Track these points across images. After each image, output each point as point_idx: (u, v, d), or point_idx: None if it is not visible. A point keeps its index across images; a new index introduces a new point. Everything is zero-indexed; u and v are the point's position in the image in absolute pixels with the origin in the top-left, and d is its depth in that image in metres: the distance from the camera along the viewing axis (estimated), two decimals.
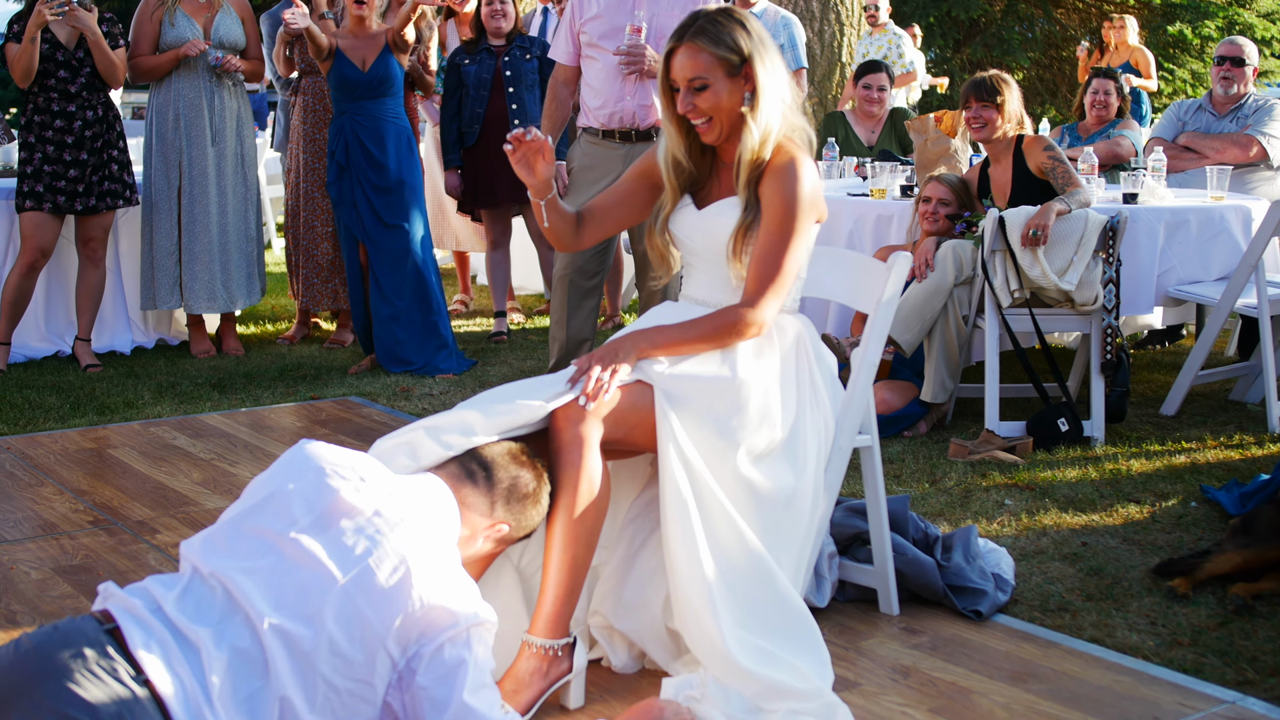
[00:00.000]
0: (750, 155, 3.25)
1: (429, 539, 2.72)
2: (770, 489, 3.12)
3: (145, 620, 2.54)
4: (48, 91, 6.66)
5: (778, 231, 3.23)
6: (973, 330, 5.58)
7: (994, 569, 3.80)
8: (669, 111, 3.35)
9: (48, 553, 4.15)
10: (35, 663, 2.44)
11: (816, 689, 2.97)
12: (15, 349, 6.96)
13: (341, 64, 6.65)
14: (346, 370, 6.82)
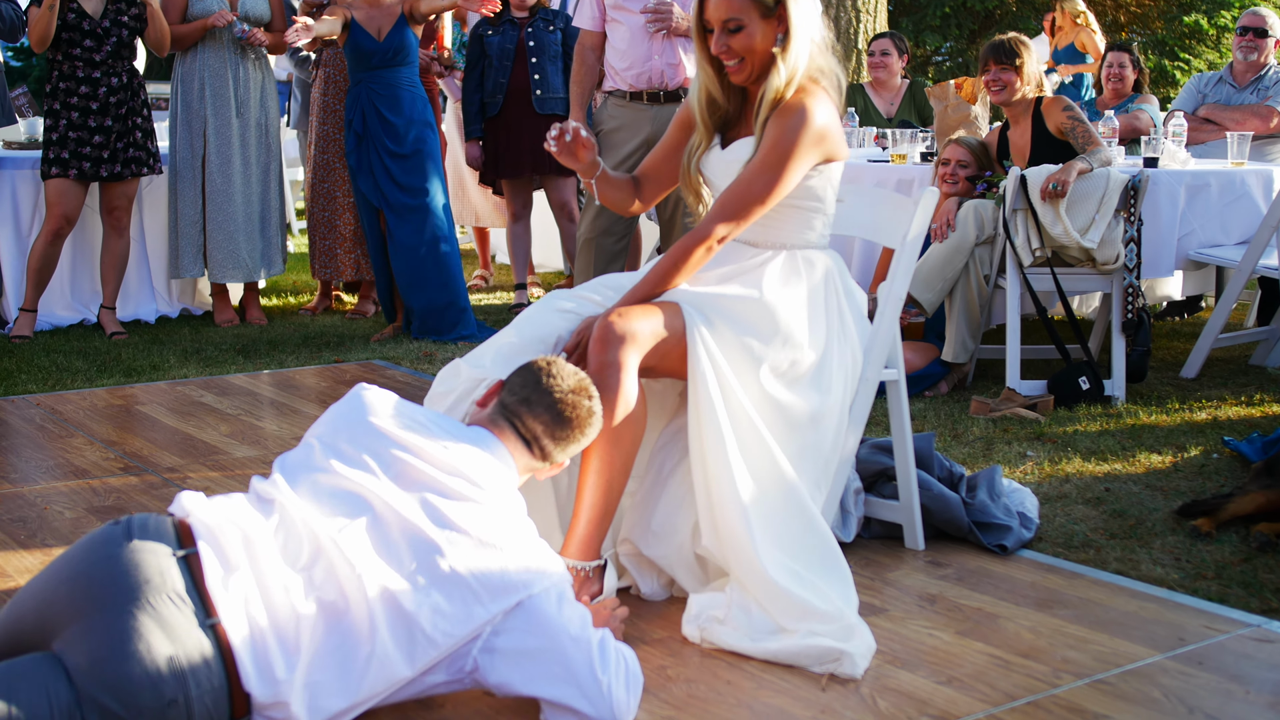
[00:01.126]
0: (773, 95, 3.26)
1: (505, 496, 2.75)
2: (795, 410, 3.16)
3: (229, 555, 2.52)
4: (73, 60, 6.72)
5: (761, 163, 3.22)
6: (994, 290, 5.60)
7: (1019, 507, 3.83)
8: (702, 52, 3.38)
9: (80, 495, 4.19)
10: (105, 581, 2.43)
11: (840, 610, 3.00)
12: (42, 317, 7.02)
13: (357, 34, 6.69)
14: (369, 338, 6.86)
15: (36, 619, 2.49)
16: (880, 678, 2.90)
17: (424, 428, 2.76)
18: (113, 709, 2.35)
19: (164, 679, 2.37)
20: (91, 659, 2.37)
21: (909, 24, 19.23)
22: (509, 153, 7.49)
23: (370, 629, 2.52)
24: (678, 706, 2.77)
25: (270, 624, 2.48)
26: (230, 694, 2.44)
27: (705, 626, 3.08)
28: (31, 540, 3.76)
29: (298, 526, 2.60)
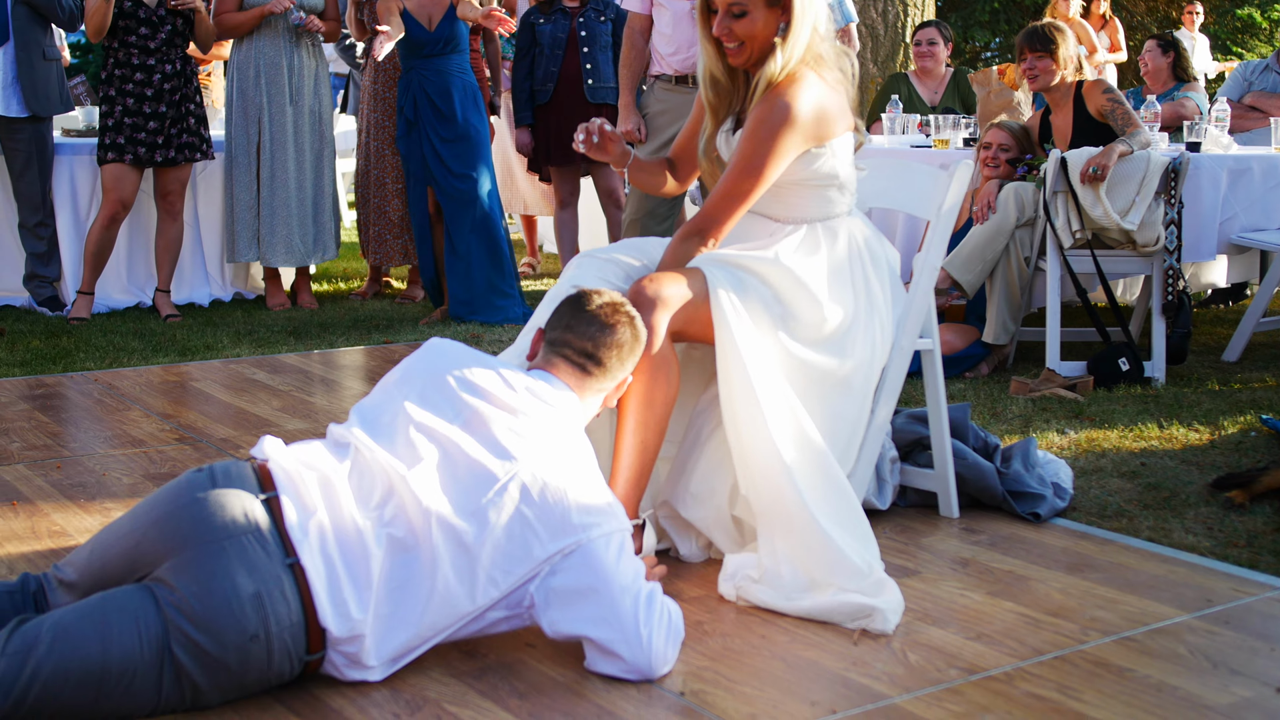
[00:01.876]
0: (766, 81, 3.31)
1: (570, 437, 2.84)
2: (818, 370, 3.24)
3: (306, 499, 2.64)
4: (128, 47, 6.88)
5: (741, 162, 3.29)
6: (1034, 272, 5.65)
7: (1053, 478, 3.89)
8: (704, 31, 3.44)
9: (137, 462, 4.32)
10: (192, 522, 2.55)
11: (870, 565, 3.08)
12: (98, 300, 7.18)
13: (409, 24, 6.81)
14: (418, 321, 6.98)
15: (124, 560, 2.61)
16: (911, 633, 2.98)
17: (492, 373, 2.86)
18: (200, 642, 2.47)
19: (247, 615, 2.49)
20: (179, 596, 2.49)
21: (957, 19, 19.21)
22: (558, 141, 7.58)
23: (434, 564, 2.64)
24: (713, 658, 2.85)
25: (344, 563, 2.60)
26: (307, 630, 2.55)
27: (741, 585, 3.16)
28: (91, 504, 3.88)
29: (371, 467, 2.71)
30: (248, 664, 2.52)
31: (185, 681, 2.50)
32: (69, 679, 2.44)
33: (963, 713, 2.60)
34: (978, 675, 2.77)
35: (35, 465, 4.27)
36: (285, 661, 2.56)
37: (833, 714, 2.60)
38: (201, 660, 2.49)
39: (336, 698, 2.63)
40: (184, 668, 2.49)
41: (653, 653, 2.69)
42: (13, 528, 3.67)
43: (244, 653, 2.50)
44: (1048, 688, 2.71)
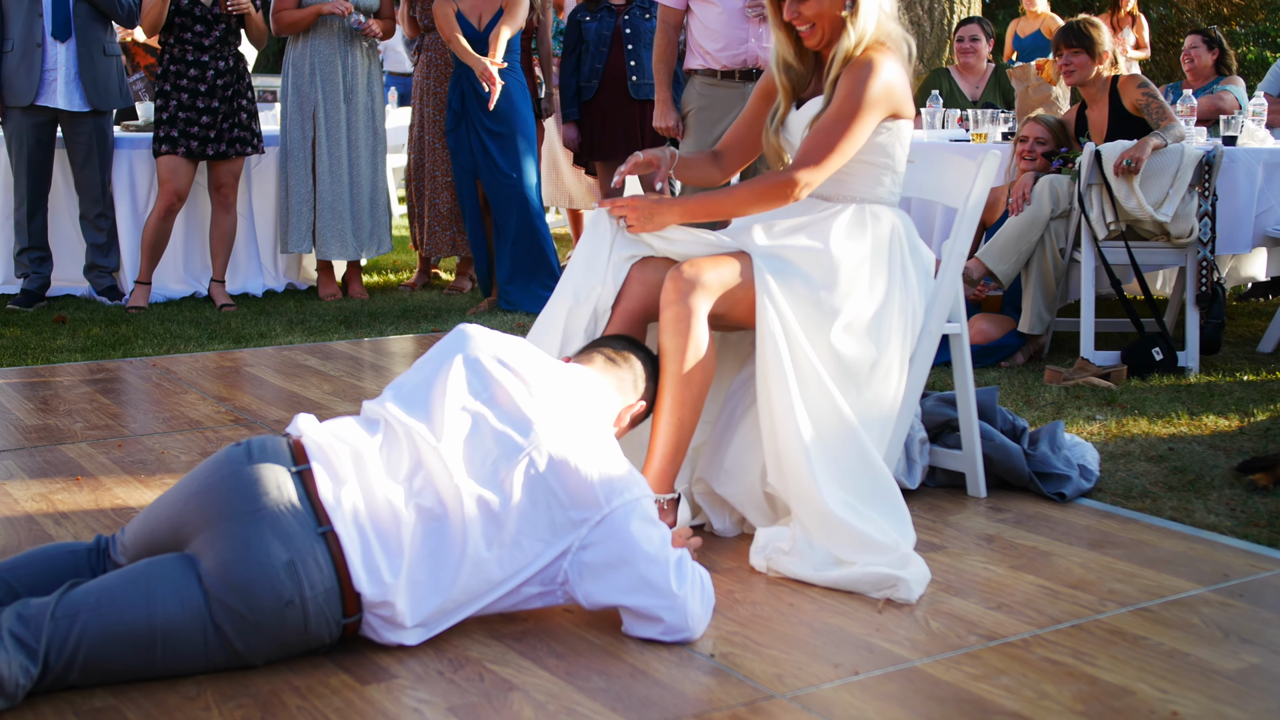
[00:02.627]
0: (843, 55, 3.48)
1: (593, 418, 2.99)
2: (854, 358, 3.36)
3: (338, 470, 2.78)
4: (183, 44, 7.09)
5: (837, 114, 3.45)
6: (1069, 264, 5.74)
7: (1079, 460, 3.99)
8: (775, 18, 3.61)
9: (195, 442, 4.49)
10: (229, 494, 2.70)
11: (895, 542, 3.20)
12: (155, 289, 7.38)
13: (460, 23, 6.98)
14: (465, 311, 7.14)
15: (169, 529, 2.77)
16: (934, 603, 3.10)
17: (521, 352, 3.02)
18: (238, 609, 2.62)
19: (282, 581, 2.63)
20: (218, 564, 2.63)
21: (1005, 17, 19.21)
22: (604, 136, 7.72)
23: (463, 533, 2.77)
24: (743, 624, 2.98)
25: (376, 531, 2.74)
26: (342, 595, 2.69)
27: (771, 557, 3.29)
28: (150, 479, 4.05)
29: (401, 440, 2.85)
30: (285, 628, 2.66)
31: (227, 645, 2.65)
32: (115, 641, 2.58)
33: (979, 675, 2.72)
34: (996, 641, 2.88)
35: (97, 444, 4.45)
36: (322, 625, 2.70)
37: (855, 675, 2.72)
38: (240, 626, 2.63)
39: (383, 655, 2.78)
40: (225, 632, 2.63)
41: (689, 613, 2.83)
42: (77, 500, 3.85)
43: (281, 618, 2.65)
44: (1063, 653, 2.82)
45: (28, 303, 7.12)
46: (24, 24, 6.99)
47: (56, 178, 7.37)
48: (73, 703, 2.57)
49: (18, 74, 6.99)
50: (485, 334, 3.07)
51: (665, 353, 3.32)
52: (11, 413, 4.85)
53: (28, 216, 7.18)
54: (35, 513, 3.73)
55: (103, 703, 2.57)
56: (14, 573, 2.79)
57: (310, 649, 2.75)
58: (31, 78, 6.98)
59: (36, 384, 5.35)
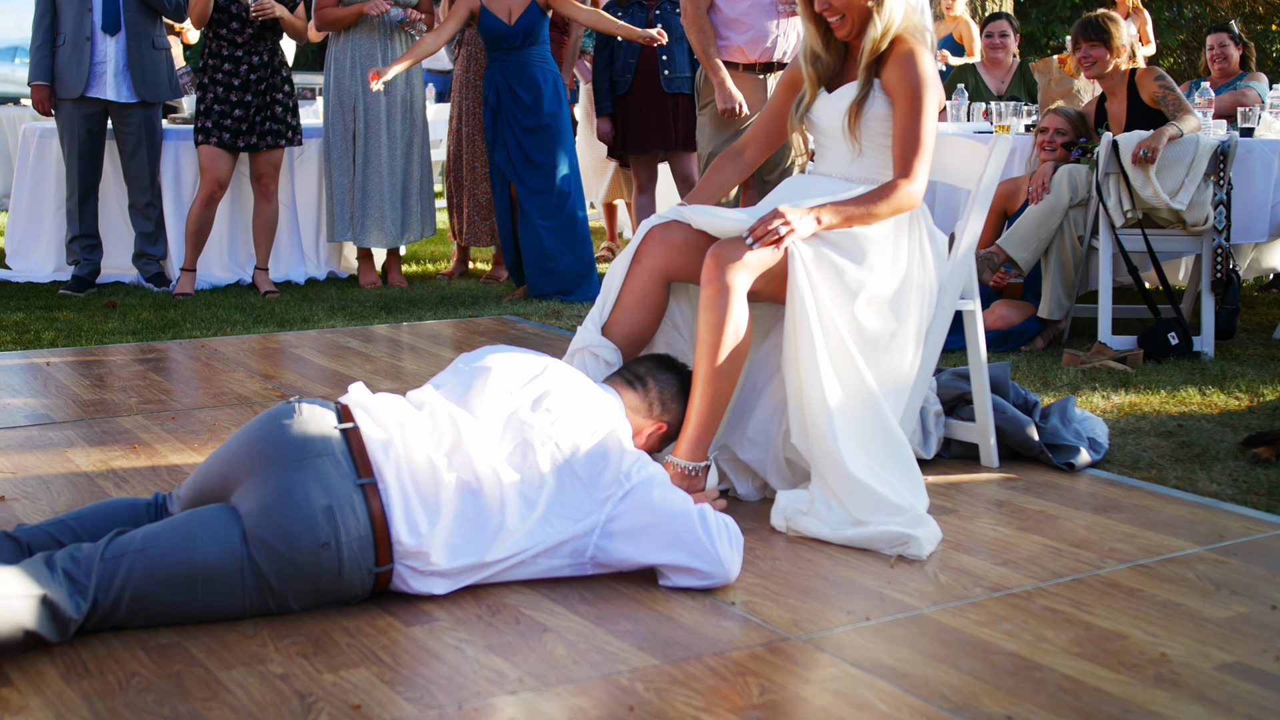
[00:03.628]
0: (871, 44, 3.68)
1: (610, 416, 3.22)
2: (875, 330, 3.55)
3: (383, 431, 2.98)
4: (220, 39, 7.37)
5: (910, 111, 3.66)
6: (1088, 251, 5.91)
7: (1089, 433, 4.16)
8: (806, 10, 3.80)
9: (244, 415, 4.71)
10: (276, 444, 2.92)
11: (910, 504, 3.39)
12: (201, 277, 7.64)
13: (487, 18, 7.18)
14: (502, 299, 7.35)
15: (220, 477, 2.99)
16: (944, 559, 3.28)
17: (550, 362, 3.30)
18: (276, 547, 2.82)
19: (319, 524, 2.84)
20: (261, 505, 2.85)
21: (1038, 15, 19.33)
22: (637, 129, 7.93)
23: (500, 506, 2.99)
24: (763, 576, 3.17)
25: (415, 487, 2.94)
26: (375, 544, 2.90)
27: (790, 517, 3.48)
28: (203, 448, 4.27)
29: (442, 422, 3.06)
30: (320, 570, 2.86)
31: (264, 584, 2.85)
32: (159, 580, 2.78)
33: (983, 621, 2.90)
34: (1000, 593, 3.07)
35: (151, 416, 4.67)
36: (355, 571, 2.89)
37: (866, 620, 2.91)
38: (276, 564, 2.83)
39: (425, 602, 2.98)
40: (262, 571, 2.83)
41: (722, 558, 3.03)
42: (135, 466, 4.07)
43: (316, 558, 2.85)
44: (1063, 603, 3.00)
45: (79, 288, 7.37)
46: (75, 18, 7.26)
47: (106, 168, 7.63)
48: (140, 639, 2.78)
49: (68, 67, 7.26)
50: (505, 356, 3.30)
51: (704, 327, 3.51)
52: (69, 389, 5.09)
53: (79, 205, 7.44)
54: (96, 476, 3.95)
55: (168, 640, 2.78)
56: (79, 521, 3.03)
57: (343, 598, 2.94)
58: (81, 70, 7.25)
59: (91, 363, 5.59)
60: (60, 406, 4.81)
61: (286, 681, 2.61)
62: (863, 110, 3.69)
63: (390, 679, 2.63)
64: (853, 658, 2.73)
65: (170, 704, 2.51)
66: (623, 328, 3.72)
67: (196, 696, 2.54)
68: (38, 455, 4.18)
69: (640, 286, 3.69)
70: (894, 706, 2.51)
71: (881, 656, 2.74)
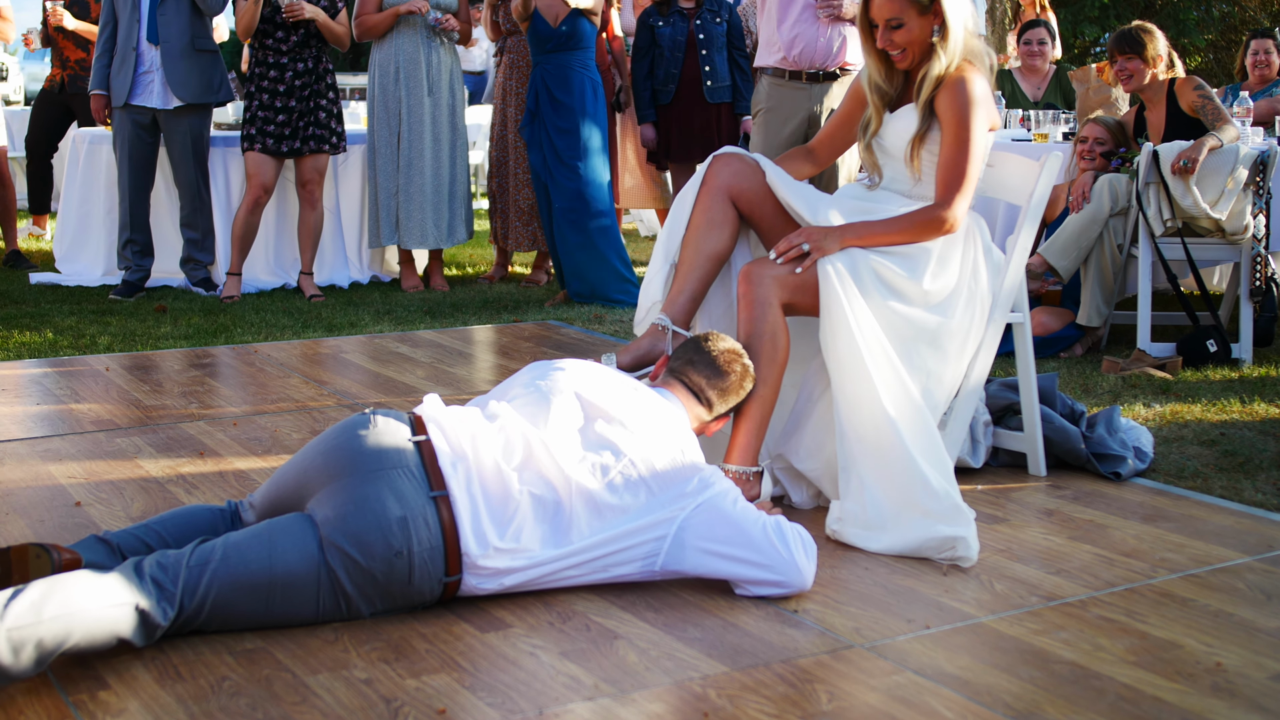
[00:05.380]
0: (934, 78, 3.78)
1: (682, 430, 3.32)
2: (916, 323, 3.65)
3: (455, 444, 3.08)
4: (265, 48, 7.50)
5: (954, 141, 3.75)
6: (1127, 259, 5.98)
7: (1135, 442, 4.24)
8: (868, 44, 3.91)
9: (303, 421, 4.82)
10: (352, 455, 3.02)
11: (947, 492, 3.48)
12: (247, 281, 7.77)
13: (537, 20, 7.31)
14: (543, 303, 7.46)
15: (295, 485, 3.10)
16: (997, 568, 3.37)
17: (618, 376, 3.39)
18: (352, 554, 2.93)
19: (393, 533, 2.94)
20: (337, 514, 2.95)
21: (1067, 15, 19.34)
22: (679, 139, 8.02)
23: (570, 519, 3.09)
24: (823, 585, 3.26)
25: (486, 500, 3.04)
26: (446, 554, 3.00)
27: (835, 529, 3.58)
28: (268, 454, 4.38)
29: (514, 434, 3.16)
30: (392, 577, 2.97)
31: (339, 590, 2.95)
32: (240, 586, 2.89)
33: (1040, 630, 2.99)
34: (1056, 602, 3.15)
35: (214, 422, 4.78)
36: (425, 580, 3.00)
37: (926, 629, 3.00)
38: (351, 570, 2.94)
39: (499, 609, 3.08)
40: (337, 578, 2.94)
41: (797, 565, 3.12)
42: (203, 471, 4.18)
43: (389, 566, 2.95)
44: (1117, 612, 3.09)
45: (128, 293, 7.50)
46: (126, 29, 7.40)
47: (157, 174, 7.75)
48: (227, 644, 2.88)
49: (117, 75, 7.43)
50: (575, 365, 3.39)
51: (743, 338, 3.64)
52: (131, 394, 5.21)
53: (130, 211, 7.57)
54: (167, 482, 4.07)
55: (253, 645, 2.89)
56: (163, 525, 3.16)
57: (411, 604, 3.04)
58: (125, 79, 7.39)
59: (148, 368, 5.71)
60: (124, 412, 4.92)
61: (371, 686, 2.71)
62: (923, 144, 3.80)
63: (470, 684, 2.73)
64: (916, 665, 2.82)
65: (263, 708, 2.61)
66: (700, 246, 3.84)
67: (287, 701, 2.65)
68: (108, 461, 4.29)
69: (710, 204, 3.82)
70: (959, 714, 2.60)
71: (943, 664, 2.83)
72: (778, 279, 3.65)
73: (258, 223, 7.67)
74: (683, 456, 3.21)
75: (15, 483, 4.06)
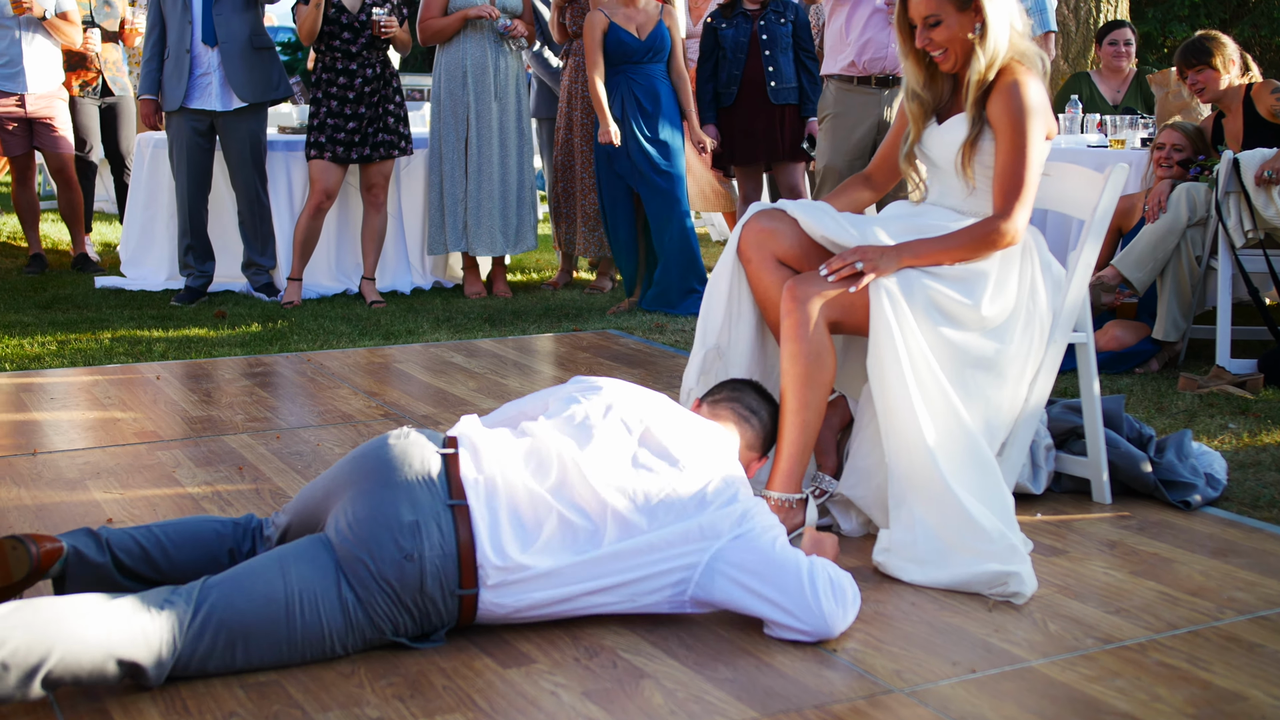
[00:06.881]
0: (976, 77, 3.60)
1: (730, 459, 3.18)
2: (971, 351, 3.48)
3: (483, 459, 2.97)
4: (333, 51, 7.41)
5: (1010, 148, 3.57)
6: (1206, 271, 5.74)
7: (1206, 468, 4.03)
8: (906, 46, 3.74)
9: (347, 435, 4.73)
10: (376, 463, 2.93)
11: (1001, 533, 3.29)
12: (308, 286, 7.72)
13: (618, 33, 7.21)
14: (605, 311, 7.33)
15: (324, 494, 3.02)
16: (1052, 605, 3.19)
17: (664, 400, 3.26)
18: (364, 560, 2.82)
19: (404, 535, 2.83)
20: (352, 518, 2.86)
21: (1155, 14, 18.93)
22: (743, 141, 7.86)
23: (600, 540, 2.95)
24: (865, 621, 3.10)
25: (510, 513, 2.92)
26: (459, 564, 2.87)
27: (881, 560, 3.41)
28: (308, 470, 4.29)
29: (549, 454, 3.03)
30: (403, 581, 2.83)
31: (355, 603, 2.81)
32: (254, 599, 2.75)
33: (1094, 676, 2.81)
34: (1112, 645, 2.97)
35: (257, 435, 4.70)
36: (437, 589, 2.86)
37: (972, 673, 2.83)
38: (362, 577, 2.81)
39: (523, 641, 2.96)
40: (354, 588, 2.81)
41: (824, 614, 2.95)
42: (239, 489, 4.10)
43: (400, 570, 2.83)
44: (1178, 658, 2.90)
45: (189, 299, 7.47)
46: (177, 31, 7.35)
47: (217, 178, 7.71)
48: (239, 678, 2.77)
49: (171, 79, 7.38)
50: (614, 385, 3.26)
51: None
52: (178, 404, 5.15)
53: (189, 217, 7.53)
54: (201, 499, 3.98)
55: (266, 678, 2.78)
56: (165, 531, 3.08)
57: (430, 622, 2.90)
58: (180, 83, 7.34)
59: (199, 377, 5.66)
60: (169, 424, 4.86)
61: None
62: (975, 150, 3.62)
63: None
64: (957, 714, 2.66)
65: None
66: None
67: None
68: (145, 474, 4.22)
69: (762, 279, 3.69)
70: None
71: (987, 713, 2.66)
72: (825, 296, 3.48)
73: (320, 228, 7.61)
74: (726, 486, 3.06)
75: (50, 496, 4.00)
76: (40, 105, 8.37)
